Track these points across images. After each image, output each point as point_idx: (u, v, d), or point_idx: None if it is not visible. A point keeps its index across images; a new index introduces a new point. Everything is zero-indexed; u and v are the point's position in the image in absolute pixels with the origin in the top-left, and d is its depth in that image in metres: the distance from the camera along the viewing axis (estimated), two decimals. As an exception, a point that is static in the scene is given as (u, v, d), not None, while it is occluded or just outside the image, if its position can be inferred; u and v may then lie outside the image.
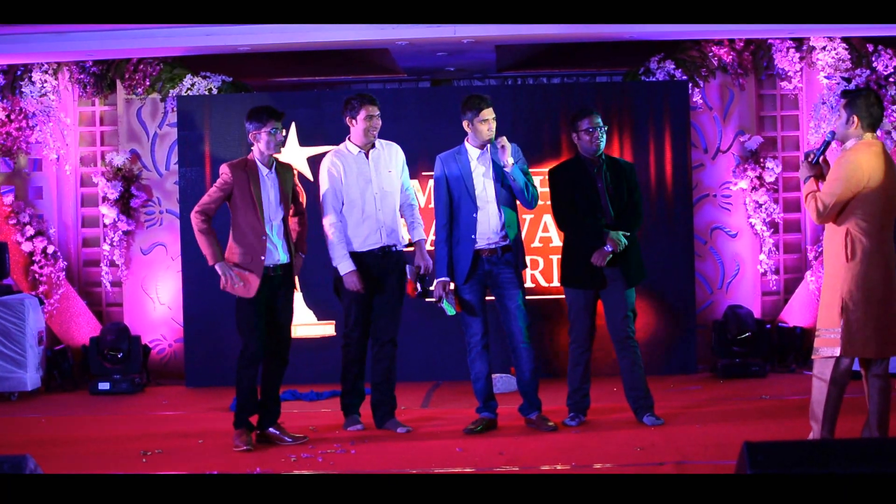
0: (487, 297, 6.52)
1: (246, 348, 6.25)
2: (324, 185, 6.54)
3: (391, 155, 6.63)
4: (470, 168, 6.42)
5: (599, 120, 6.48)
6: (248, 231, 6.19)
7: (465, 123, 6.45)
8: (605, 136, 6.50)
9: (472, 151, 6.45)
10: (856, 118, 5.22)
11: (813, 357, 5.32)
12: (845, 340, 5.13)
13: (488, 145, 6.40)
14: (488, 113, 6.37)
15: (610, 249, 6.38)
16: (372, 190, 6.49)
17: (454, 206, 6.45)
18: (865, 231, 5.17)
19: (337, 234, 6.46)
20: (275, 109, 6.29)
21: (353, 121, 6.53)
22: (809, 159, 5.36)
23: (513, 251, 6.44)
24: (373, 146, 6.57)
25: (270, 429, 6.34)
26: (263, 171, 6.26)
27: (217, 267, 6.17)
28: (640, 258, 6.58)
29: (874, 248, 5.16)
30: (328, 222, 6.48)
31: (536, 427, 6.43)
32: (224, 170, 6.26)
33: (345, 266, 6.44)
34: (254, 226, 6.18)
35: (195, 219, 6.20)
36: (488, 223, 6.40)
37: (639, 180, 6.72)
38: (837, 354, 5.17)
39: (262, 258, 6.18)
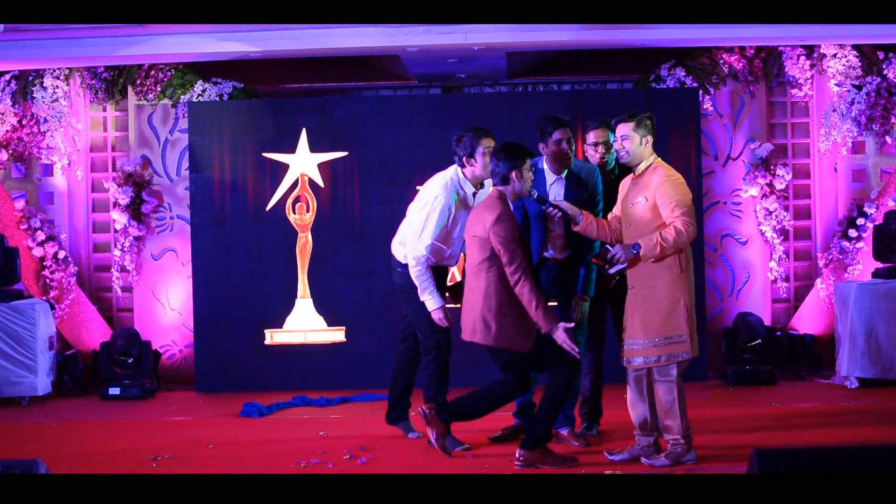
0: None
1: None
2: (433, 215, 6.04)
3: (480, 198, 6.08)
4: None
5: (611, 136, 6.23)
6: None
7: None
8: (612, 152, 6.29)
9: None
10: (650, 138, 5.70)
11: (661, 365, 5.61)
12: (693, 343, 5.60)
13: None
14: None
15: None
16: (459, 230, 6.10)
17: None
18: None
19: (425, 271, 6.08)
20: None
21: (472, 159, 5.99)
22: (616, 258, 5.62)
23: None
24: (482, 185, 6.12)
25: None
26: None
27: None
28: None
29: (689, 258, 5.67)
30: (420, 255, 6.06)
31: (566, 443, 6.25)
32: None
33: (433, 302, 6.08)
34: None
35: (525, 282, 5.61)
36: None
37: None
38: (689, 357, 5.60)
39: None
